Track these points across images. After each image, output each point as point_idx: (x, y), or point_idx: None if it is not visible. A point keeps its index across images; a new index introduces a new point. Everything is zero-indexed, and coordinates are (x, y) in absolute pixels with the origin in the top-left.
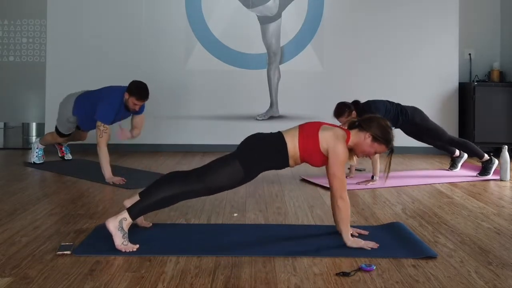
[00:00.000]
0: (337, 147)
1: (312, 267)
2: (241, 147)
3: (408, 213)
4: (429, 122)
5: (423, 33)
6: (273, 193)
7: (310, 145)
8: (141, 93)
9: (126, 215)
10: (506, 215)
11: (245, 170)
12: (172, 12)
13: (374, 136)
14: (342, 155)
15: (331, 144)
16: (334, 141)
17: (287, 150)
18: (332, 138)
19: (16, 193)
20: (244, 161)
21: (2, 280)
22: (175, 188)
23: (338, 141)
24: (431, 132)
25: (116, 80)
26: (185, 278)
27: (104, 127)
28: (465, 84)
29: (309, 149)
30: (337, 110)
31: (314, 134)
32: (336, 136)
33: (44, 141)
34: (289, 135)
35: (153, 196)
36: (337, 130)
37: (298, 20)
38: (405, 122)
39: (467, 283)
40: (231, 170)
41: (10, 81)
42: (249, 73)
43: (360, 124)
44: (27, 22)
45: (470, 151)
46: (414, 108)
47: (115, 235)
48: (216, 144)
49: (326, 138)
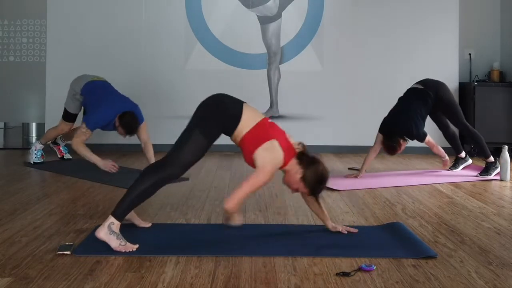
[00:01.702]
0: (260, 172)
1: (312, 267)
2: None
3: (408, 213)
4: (452, 98)
5: (423, 33)
6: (273, 193)
7: (250, 142)
8: (130, 129)
9: (112, 219)
10: (506, 215)
11: (207, 138)
12: (172, 12)
13: (305, 178)
14: (259, 182)
15: (260, 164)
16: (262, 165)
17: (239, 122)
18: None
19: (16, 193)
20: (203, 130)
21: (2, 280)
22: (152, 178)
23: (264, 169)
24: (451, 109)
25: (116, 80)
26: (185, 278)
27: (87, 130)
28: (465, 84)
29: (247, 143)
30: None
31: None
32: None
33: (46, 139)
34: (249, 112)
35: (133, 191)
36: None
37: (298, 20)
38: (435, 105)
39: (467, 283)
40: (195, 143)
41: (10, 81)
42: (249, 73)
43: (303, 160)
44: (27, 22)
45: (478, 145)
46: (437, 84)
47: (109, 240)
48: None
49: (263, 155)
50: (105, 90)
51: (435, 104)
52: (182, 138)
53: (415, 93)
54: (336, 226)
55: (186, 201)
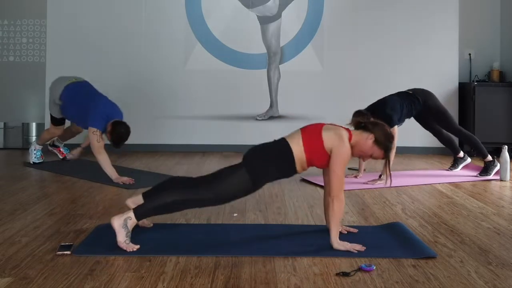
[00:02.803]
0: (341, 145)
1: (312, 267)
2: (247, 157)
3: (408, 213)
4: (441, 106)
5: (423, 33)
6: (273, 193)
7: (314, 146)
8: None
9: (132, 215)
10: (506, 215)
11: (252, 180)
12: (172, 12)
13: (377, 139)
14: (345, 154)
15: (335, 143)
16: (338, 140)
17: (294, 156)
18: (336, 137)
19: (16, 193)
20: (251, 171)
21: (2, 280)
22: (185, 194)
23: (342, 140)
24: (441, 116)
25: (115, 80)
26: (185, 278)
27: (96, 131)
28: (465, 84)
29: (314, 150)
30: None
31: (317, 134)
32: (340, 135)
33: (42, 141)
34: (293, 140)
35: (161, 200)
36: (339, 129)
37: (298, 20)
38: (418, 110)
39: (467, 283)
40: (239, 179)
41: (10, 81)
42: (249, 73)
43: (366, 125)
44: (27, 22)
45: (475, 147)
46: (424, 92)
47: (119, 232)
48: (216, 144)
49: (330, 137)
50: (89, 90)
51: (424, 112)
52: (227, 170)
53: (403, 95)
54: None
55: None
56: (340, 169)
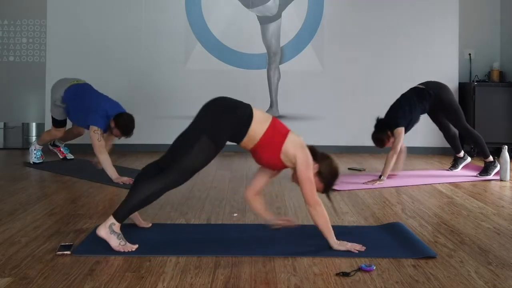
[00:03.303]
0: (305, 152)
1: (312, 267)
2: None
3: (408, 213)
4: (454, 100)
5: (423, 33)
6: (273, 193)
7: (274, 139)
8: (127, 130)
9: (113, 220)
10: (506, 215)
11: (215, 143)
12: (172, 12)
13: (319, 171)
14: (307, 158)
15: (298, 149)
16: (301, 148)
17: (249, 127)
18: (300, 144)
19: (16, 193)
20: (211, 134)
21: (2, 280)
22: (155, 185)
23: (303, 147)
24: (452, 111)
25: (115, 80)
26: (185, 278)
27: (97, 130)
28: (465, 84)
29: (269, 147)
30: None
31: (284, 132)
32: (302, 143)
33: (42, 141)
34: (259, 115)
35: (136, 197)
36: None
37: (298, 20)
38: (431, 105)
39: (467, 283)
40: (201, 147)
41: (10, 81)
42: (249, 73)
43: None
44: (27, 22)
45: (479, 147)
46: (439, 85)
47: (109, 239)
48: None
49: (295, 141)
50: (90, 91)
51: (435, 105)
52: (186, 143)
53: (415, 91)
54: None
55: (186, 201)
56: (306, 175)
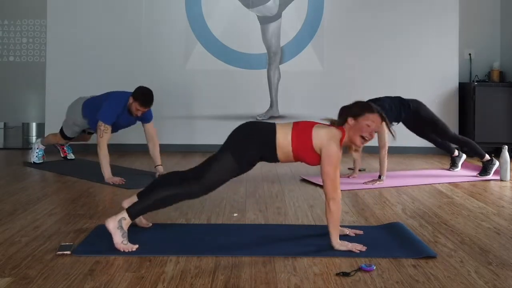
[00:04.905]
0: (330, 146)
1: (312, 267)
2: (232, 137)
3: (408, 213)
4: (434, 115)
5: (423, 33)
6: (273, 193)
7: (303, 144)
8: (145, 99)
9: (125, 215)
10: (506, 215)
11: (237, 162)
12: (172, 12)
13: (354, 114)
14: (333, 154)
15: (324, 142)
16: (327, 140)
17: (275, 142)
18: (326, 136)
19: (16, 193)
20: (235, 153)
21: (2, 280)
22: (174, 189)
23: (331, 140)
24: (436, 126)
25: (115, 80)
26: (185, 278)
27: (105, 127)
28: (465, 84)
29: (302, 147)
30: None
31: (307, 131)
32: (330, 135)
33: (46, 142)
34: (282, 130)
35: (152, 197)
36: (331, 129)
37: (298, 20)
38: (408, 115)
39: (467, 283)
40: (224, 164)
41: (10, 81)
42: (249, 73)
43: (339, 118)
44: (27, 22)
45: (472, 150)
46: (417, 101)
47: (114, 234)
48: (216, 144)
49: (319, 135)
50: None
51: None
52: (212, 159)
53: (398, 98)
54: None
55: (186, 201)
56: (330, 170)
